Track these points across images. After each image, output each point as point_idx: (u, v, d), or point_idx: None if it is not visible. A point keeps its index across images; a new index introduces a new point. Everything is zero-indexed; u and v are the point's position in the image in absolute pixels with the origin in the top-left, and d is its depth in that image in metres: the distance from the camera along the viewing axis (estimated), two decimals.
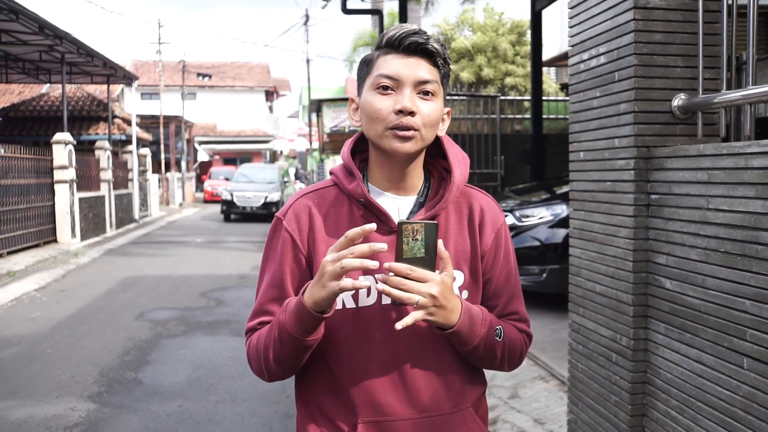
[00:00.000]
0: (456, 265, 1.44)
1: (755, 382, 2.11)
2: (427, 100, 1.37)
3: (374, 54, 1.41)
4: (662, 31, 2.65)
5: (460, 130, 10.59)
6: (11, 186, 12.03)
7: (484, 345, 1.40)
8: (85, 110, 21.71)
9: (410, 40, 1.36)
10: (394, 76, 1.35)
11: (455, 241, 1.46)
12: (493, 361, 1.46)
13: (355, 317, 1.41)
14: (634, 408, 2.77)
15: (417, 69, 1.36)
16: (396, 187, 1.45)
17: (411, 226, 1.26)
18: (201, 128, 42.21)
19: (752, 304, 2.12)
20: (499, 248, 1.50)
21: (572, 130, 3.24)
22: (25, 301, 8.55)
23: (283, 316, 1.35)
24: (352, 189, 1.43)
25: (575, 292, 3.25)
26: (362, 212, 1.43)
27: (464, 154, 1.51)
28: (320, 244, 1.42)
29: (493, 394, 4.46)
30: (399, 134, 1.35)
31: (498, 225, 1.51)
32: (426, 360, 1.42)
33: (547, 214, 6.41)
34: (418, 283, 1.27)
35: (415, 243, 1.27)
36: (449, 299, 1.31)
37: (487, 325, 1.40)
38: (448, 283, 1.31)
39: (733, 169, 2.20)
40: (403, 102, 1.34)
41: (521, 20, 18.28)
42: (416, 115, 1.35)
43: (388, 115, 1.35)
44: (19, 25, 12.60)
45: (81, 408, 4.62)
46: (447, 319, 1.32)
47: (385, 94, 1.36)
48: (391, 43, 1.38)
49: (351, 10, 11.00)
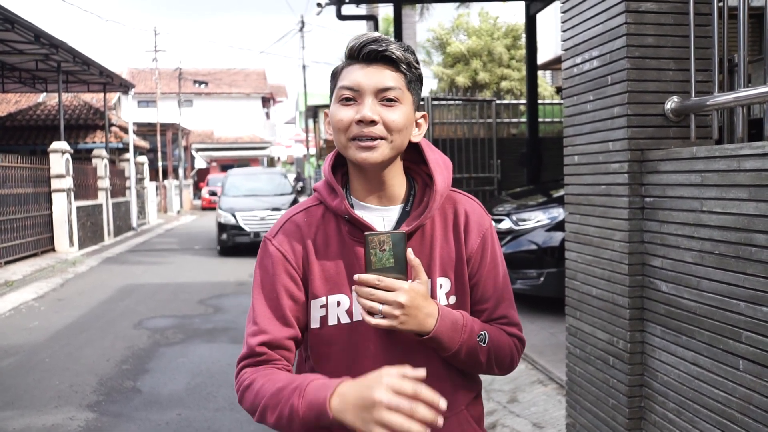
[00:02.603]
0: (442, 272, 1.45)
1: (751, 384, 2.12)
2: (390, 107, 1.36)
3: (339, 66, 1.42)
4: (654, 35, 2.66)
5: (456, 135, 10.60)
6: (8, 195, 12.02)
7: (466, 350, 1.39)
8: (82, 119, 21.72)
9: (368, 48, 1.35)
10: (354, 87, 1.35)
11: (441, 248, 1.45)
12: (478, 366, 1.46)
13: (350, 332, 1.42)
14: (632, 411, 2.77)
15: (378, 77, 1.35)
16: (378, 198, 1.45)
17: (377, 237, 1.28)
18: (198, 135, 42.22)
19: (747, 306, 2.12)
20: (485, 251, 1.49)
21: (566, 134, 3.25)
22: (23, 310, 8.54)
23: (297, 400, 1.24)
24: (336, 206, 1.42)
25: (572, 296, 3.26)
26: (348, 228, 1.43)
27: (445, 158, 1.50)
28: (313, 265, 1.42)
29: (492, 399, 4.46)
30: (362, 145, 1.35)
31: (484, 229, 1.50)
32: (419, 367, 1.42)
33: (543, 218, 6.41)
34: (386, 292, 1.28)
35: (383, 254, 1.29)
36: (421, 306, 1.31)
37: (468, 331, 1.39)
38: (419, 290, 1.31)
39: (726, 171, 2.20)
40: (362, 111, 1.34)
41: (516, 24, 18.33)
42: (378, 124, 1.34)
43: (350, 126, 1.35)
44: (14, 35, 12.60)
45: (79, 417, 4.61)
46: (421, 326, 1.32)
47: (347, 105, 1.36)
48: (351, 53, 1.38)
49: (346, 17, 11.01)
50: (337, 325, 1.42)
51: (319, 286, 1.42)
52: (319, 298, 1.42)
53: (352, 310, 1.41)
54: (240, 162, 43.57)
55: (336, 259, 1.42)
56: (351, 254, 1.42)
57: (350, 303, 1.41)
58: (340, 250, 1.43)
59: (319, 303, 1.42)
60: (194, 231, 21.05)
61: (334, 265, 1.42)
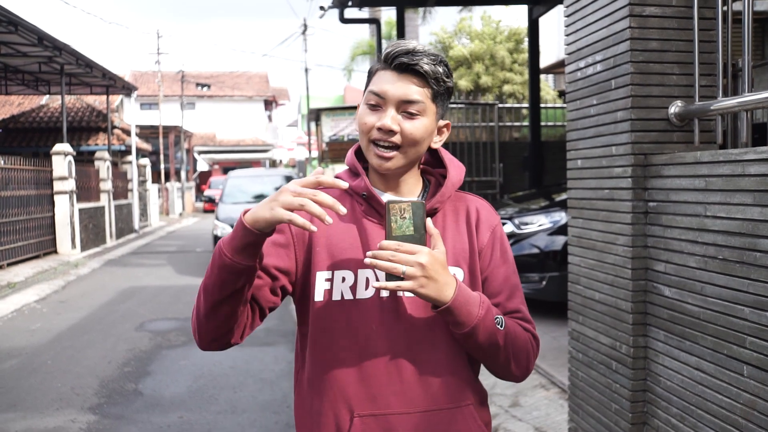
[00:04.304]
0: (455, 263, 1.46)
1: (755, 390, 2.11)
2: (411, 119, 1.40)
3: (375, 67, 1.46)
4: (658, 39, 2.66)
5: (458, 138, 10.60)
6: (11, 197, 12.03)
7: (483, 329, 1.36)
8: (85, 121, 21.75)
9: (399, 60, 1.39)
10: (381, 94, 1.41)
11: (453, 239, 1.48)
12: (496, 355, 1.41)
13: (353, 309, 1.42)
14: (635, 416, 2.76)
15: (404, 89, 1.40)
16: (393, 192, 1.51)
17: (398, 204, 1.31)
18: (200, 138, 42.24)
19: (751, 312, 2.12)
20: (495, 245, 1.52)
21: (569, 138, 3.25)
22: (26, 312, 8.54)
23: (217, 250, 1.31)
24: (356, 184, 1.48)
25: (574, 300, 3.25)
26: (364, 207, 1.47)
27: (460, 162, 1.57)
28: (321, 237, 1.45)
29: (494, 403, 4.45)
30: (377, 152, 1.42)
31: (493, 224, 1.54)
32: (423, 354, 1.43)
33: (546, 222, 6.41)
34: (407, 255, 1.29)
35: (403, 221, 1.31)
36: (440, 272, 1.31)
37: (485, 308, 1.37)
38: (438, 257, 1.32)
39: (731, 176, 2.20)
40: (383, 120, 1.40)
41: (519, 28, 18.31)
42: (396, 134, 1.40)
43: (372, 130, 1.42)
44: (18, 37, 12.63)
45: (81, 420, 4.60)
46: (439, 293, 1.31)
47: (373, 110, 1.43)
48: (385, 59, 1.42)
49: (349, 20, 11.02)
50: (341, 300, 1.43)
51: (324, 259, 1.44)
52: (324, 271, 1.44)
53: (356, 287, 1.43)
54: (242, 164, 43.58)
55: (346, 236, 1.45)
56: (363, 232, 1.45)
57: (354, 280, 1.43)
58: (352, 227, 1.46)
59: (325, 276, 1.43)
60: (196, 233, 21.06)
61: (344, 242, 1.44)
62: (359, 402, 1.41)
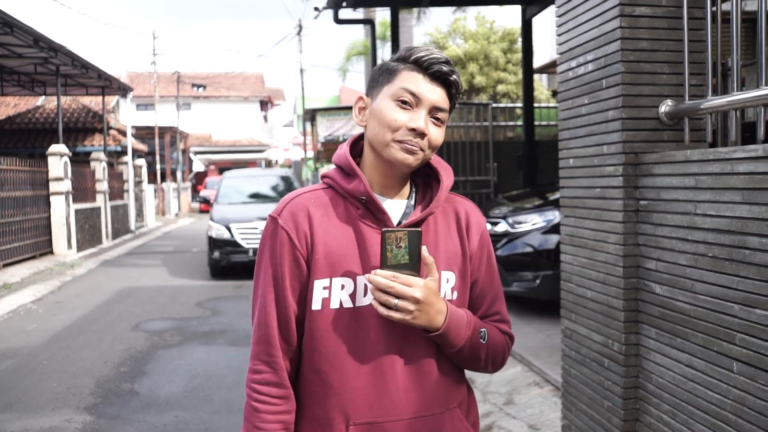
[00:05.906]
0: (447, 266, 1.49)
1: (745, 386, 2.13)
2: (436, 126, 1.45)
3: (399, 65, 1.45)
4: (648, 39, 2.68)
5: (452, 138, 10.62)
6: (7, 198, 12.02)
7: (469, 347, 1.45)
8: (81, 122, 21.72)
9: (437, 68, 1.42)
10: (417, 95, 1.42)
11: (445, 243, 1.50)
12: (477, 363, 1.51)
13: (352, 317, 1.43)
14: (627, 413, 2.78)
15: (437, 95, 1.43)
16: (389, 192, 1.50)
17: (394, 234, 1.33)
18: (196, 138, 42.20)
19: (741, 309, 2.14)
20: (483, 249, 1.56)
21: (561, 137, 3.27)
22: (22, 313, 8.54)
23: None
24: (353, 188, 1.46)
25: (567, 298, 3.27)
26: (361, 211, 1.46)
27: (447, 164, 1.59)
28: (319, 245, 1.43)
29: (488, 400, 4.47)
30: (408, 147, 1.41)
31: (481, 228, 1.58)
32: (417, 361, 1.45)
33: (539, 221, 6.43)
34: (403, 286, 1.33)
35: (399, 250, 1.33)
36: (433, 303, 1.37)
37: (471, 328, 1.46)
38: (432, 288, 1.37)
39: (720, 175, 2.22)
40: (418, 122, 1.41)
41: (512, 28, 18.36)
42: (425, 138, 1.42)
43: (401, 129, 1.41)
44: (13, 38, 12.60)
45: (77, 420, 4.61)
46: (431, 322, 1.38)
47: (403, 107, 1.42)
48: (419, 63, 1.43)
49: (343, 20, 11.04)
50: (339, 308, 1.43)
51: (323, 267, 1.43)
52: (322, 279, 1.43)
53: (356, 294, 1.43)
54: (238, 165, 43.52)
55: (343, 242, 1.44)
56: (360, 237, 1.44)
57: (354, 287, 1.43)
58: (349, 233, 1.45)
59: (323, 284, 1.43)
60: (192, 234, 21.03)
61: (341, 248, 1.43)
62: (355, 410, 1.41)
